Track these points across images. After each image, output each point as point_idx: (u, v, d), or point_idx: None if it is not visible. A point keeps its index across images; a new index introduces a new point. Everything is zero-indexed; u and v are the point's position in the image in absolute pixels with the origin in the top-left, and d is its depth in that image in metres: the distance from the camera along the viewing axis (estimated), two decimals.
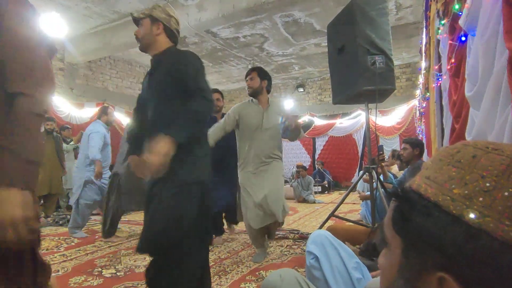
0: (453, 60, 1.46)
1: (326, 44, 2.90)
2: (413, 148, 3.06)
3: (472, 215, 0.36)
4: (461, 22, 1.13)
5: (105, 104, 4.19)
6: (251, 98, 2.64)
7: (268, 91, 2.66)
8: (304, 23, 5.91)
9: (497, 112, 0.81)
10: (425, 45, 3.49)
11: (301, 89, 9.64)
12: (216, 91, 3.21)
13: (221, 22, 5.43)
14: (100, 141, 3.52)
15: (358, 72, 2.40)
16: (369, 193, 2.79)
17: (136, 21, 1.51)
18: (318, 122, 9.26)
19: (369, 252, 2.06)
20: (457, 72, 1.47)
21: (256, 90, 2.57)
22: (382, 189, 2.53)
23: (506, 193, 0.36)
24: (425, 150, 3.55)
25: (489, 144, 0.41)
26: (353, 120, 8.82)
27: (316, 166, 8.95)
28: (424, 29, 3.53)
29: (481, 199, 0.37)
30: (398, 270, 0.44)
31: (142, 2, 5.15)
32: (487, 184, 0.37)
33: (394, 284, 0.45)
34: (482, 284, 0.36)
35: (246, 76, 2.64)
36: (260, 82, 2.58)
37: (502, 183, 0.37)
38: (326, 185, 8.27)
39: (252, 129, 2.55)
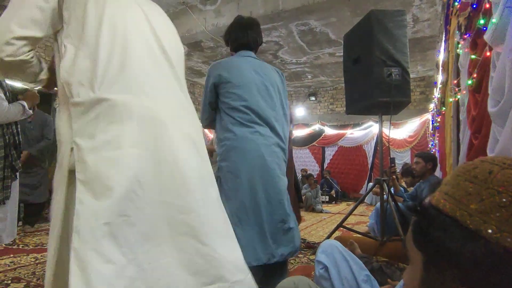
0: (474, 75, 1.45)
1: (341, 54, 2.92)
2: (426, 162, 3.01)
3: (489, 230, 0.37)
4: (486, 37, 1.11)
5: None
6: None
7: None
8: (320, 32, 5.92)
9: None
10: (443, 59, 3.46)
11: (313, 98, 9.62)
12: None
13: None
14: None
15: (373, 83, 2.38)
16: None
17: None
18: (329, 131, 9.21)
19: None
20: (478, 88, 1.45)
21: None
22: (393, 202, 2.49)
23: None
24: (438, 165, 3.49)
25: (506, 160, 0.41)
26: (364, 131, 8.74)
27: (324, 175, 8.88)
28: (443, 43, 3.50)
29: (498, 214, 0.37)
30: (419, 284, 0.44)
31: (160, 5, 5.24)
32: (504, 200, 0.37)
33: None
34: None
35: None
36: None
37: None
38: (334, 195, 8.18)
39: None
